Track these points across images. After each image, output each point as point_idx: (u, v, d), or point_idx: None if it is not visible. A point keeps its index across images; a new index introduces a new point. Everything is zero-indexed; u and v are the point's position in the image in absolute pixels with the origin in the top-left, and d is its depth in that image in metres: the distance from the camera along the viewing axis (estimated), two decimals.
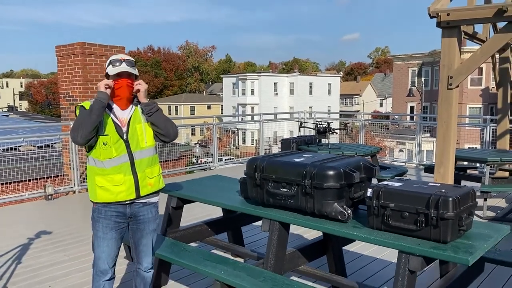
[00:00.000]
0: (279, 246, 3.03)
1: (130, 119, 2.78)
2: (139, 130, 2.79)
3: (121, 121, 2.76)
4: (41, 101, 70.75)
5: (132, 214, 2.81)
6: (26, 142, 10.07)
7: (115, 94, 2.74)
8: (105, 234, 2.76)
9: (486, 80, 30.80)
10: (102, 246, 2.77)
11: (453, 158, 5.13)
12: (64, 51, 8.20)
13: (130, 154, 2.75)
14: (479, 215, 5.91)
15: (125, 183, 2.73)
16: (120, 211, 2.77)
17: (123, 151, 2.73)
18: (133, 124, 2.78)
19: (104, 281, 2.82)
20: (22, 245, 4.90)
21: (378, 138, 15.71)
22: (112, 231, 2.77)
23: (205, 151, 14.97)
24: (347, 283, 3.28)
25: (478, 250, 2.29)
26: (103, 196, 2.72)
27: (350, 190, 2.82)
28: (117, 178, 2.71)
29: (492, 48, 4.82)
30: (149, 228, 2.87)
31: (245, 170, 3.14)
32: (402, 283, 2.40)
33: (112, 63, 2.73)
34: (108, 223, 2.75)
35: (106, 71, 2.77)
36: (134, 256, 2.96)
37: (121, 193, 2.73)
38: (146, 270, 2.94)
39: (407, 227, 2.45)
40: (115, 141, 2.71)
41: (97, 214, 2.76)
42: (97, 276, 2.82)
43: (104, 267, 2.79)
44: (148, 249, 2.91)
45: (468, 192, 2.50)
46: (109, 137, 2.69)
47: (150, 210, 2.87)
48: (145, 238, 2.88)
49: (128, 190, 2.74)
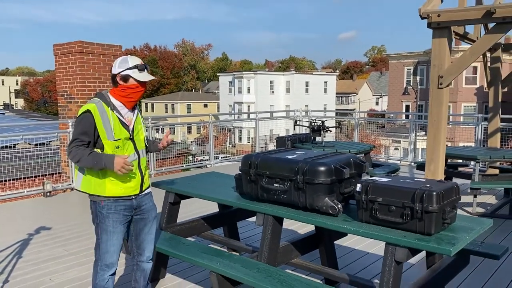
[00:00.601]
0: (272, 239, 3.16)
1: (135, 119, 2.92)
2: (141, 131, 2.98)
3: (127, 120, 2.87)
4: (37, 99, 70.55)
5: (137, 206, 2.95)
6: (24, 140, 10.16)
7: (131, 96, 2.83)
8: (115, 228, 2.84)
9: (480, 79, 31.02)
10: (112, 240, 2.84)
11: (443, 156, 5.27)
12: (62, 50, 8.29)
13: (137, 152, 2.92)
14: (469, 211, 6.06)
15: (134, 179, 2.89)
16: (128, 204, 2.88)
17: (132, 150, 2.88)
18: (137, 125, 2.94)
19: (109, 276, 2.89)
20: (22, 241, 5.00)
21: (374, 136, 15.86)
22: (121, 224, 2.87)
23: (201, 149, 15.07)
24: (339, 275, 3.41)
25: (460, 242, 2.41)
26: (114, 190, 2.81)
27: (341, 185, 2.94)
28: (129, 174, 2.84)
29: (481, 48, 4.96)
30: (151, 215, 3.04)
31: (240, 167, 3.25)
32: (388, 273, 2.53)
33: (138, 68, 2.80)
34: (118, 217, 2.84)
35: (128, 73, 2.78)
36: (134, 249, 3.04)
37: (129, 188, 2.86)
38: (147, 260, 3.04)
39: (394, 220, 2.57)
40: (125, 142, 2.83)
41: (107, 210, 2.81)
42: (101, 270, 2.87)
43: (112, 260, 2.87)
44: (150, 237, 3.04)
45: (452, 187, 2.63)
46: (120, 141, 2.80)
47: (150, 198, 3.06)
48: (148, 226, 3.02)
49: (136, 185, 2.91)
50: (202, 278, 3.92)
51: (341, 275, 3.40)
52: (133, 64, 2.79)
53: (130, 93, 2.82)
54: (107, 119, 2.75)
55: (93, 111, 2.74)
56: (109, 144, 2.76)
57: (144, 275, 3.09)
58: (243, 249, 4.06)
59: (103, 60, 8.32)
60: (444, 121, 5.19)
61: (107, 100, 2.81)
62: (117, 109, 2.82)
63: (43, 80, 77.60)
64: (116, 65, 2.81)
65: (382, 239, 2.54)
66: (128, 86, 2.80)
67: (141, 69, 2.81)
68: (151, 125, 9.08)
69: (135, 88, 2.81)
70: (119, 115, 2.82)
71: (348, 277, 3.34)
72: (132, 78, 2.79)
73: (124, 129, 2.82)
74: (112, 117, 2.78)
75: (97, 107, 2.75)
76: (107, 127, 2.75)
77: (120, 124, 2.81)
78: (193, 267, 4.15)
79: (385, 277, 2.53)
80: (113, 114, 2.79)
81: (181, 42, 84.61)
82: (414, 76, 36.31)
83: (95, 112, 2.74)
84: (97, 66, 8.23)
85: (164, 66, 76.28)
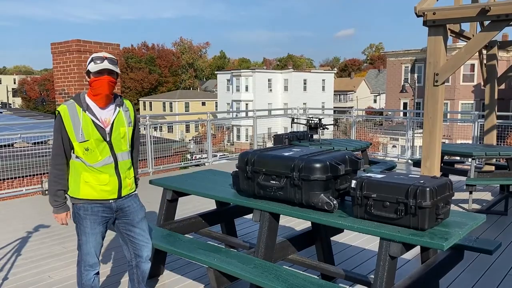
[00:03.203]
0: (269, 236, 3.19)
1: (114, 121, 2.80)
2: (123, 133, 2.83)
3: (103, 122, 2.76)
4: (35, 97, 70.42)
5: (118, 208, 2.88)
6: (22, 138, 10.17)
7: (96, 91, 2.73)
8: (93, 230, 2.81)
9: (478, 76, 31.11)
10: (91, 241, 2.82)
11: (439, 153, 5.32)
12: (59, 49, 8.30)
13: (114, 156, 2.80)
14: (465, 208, 6.11)
15: (110, 183, 2.80)
16: (107, 206, 2.84)
17: (107, 153, 2.77)
18: (117, 126, 2.80)
19: (94, 275, 2.90)
20: (21, 238, 5.03)
21: (371, 134, 15.92)
22: (100, 225, 2.83)
23: (199, 147, 15.10)
24: (335, 271, 3.45)
25: (453, 237, 2.45)
26: (87, 192, 2.77)
27: (336, 182, 2.98)
28: (103, 178, 2.77)
29: (476, 46, 5.00)
30: (138, 217, 2.95)
31: (237, 164, 3.29)
32: (383, 268, 2.57)
33: (94, 61, 2.70)
34: (96, 219, 2.80)
35: (88, 68, 2.73)
36: (132, 251, 3.00)
37: (104, 192, 2.79)
38: (147, 260, 3.00)
39: (388, 216, 2.61)
40: (98, 144, 2.73)
41: (83, 211, 2.78)
42: (85, 271, 2.87)
43: (94, 261, 2.87)
44: (143, 237, 2.97)
45: (445, 183, 2.67)
46: (89, 142, 2.70)
47: (133, 200, 2.96)
48: (138, 227, 2.95)
49: (112, 190, 2.81)
50: (200, 275, 3.96)
51: (337, 271, 3.44)
52: (90, 58, 2.74)
53: (95, 87, 2.71)
54: (77, 120, 2.70)
55: (63, 112, 2.71)
56: (77, 145, 2.71)
57: (143, 275, 3.06)
58: (241, 246, 4.10)
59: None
60: (439, 118, 5.23)
61: (80, 101, 2.76)
62: (90, 109, 2.75)
63: (40, 78, 77.46)
64: None
65: (377, 234, 2.57)
66: (90, 81, 2.72)
67: (96, 60, 2.70)
68: (149, 123, 9.11)
69: (97, 81, 2.70)
70: (92, 116, 2.74)
71: (344, 273, 3.38)
72: (89, 72, 2.72)
73: (96, 131, 2.72)
74: (83, 118, 2.71)
75: (68, 108, 2.72)
76: (76, 128, 2.69)
77: (92, 125, 2.72)
78: (191, 263, 4.19)
79: (380, 271, 2.57)
80: (84, 115, 2.72)
81: (179, 41, 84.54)
82: (411, 74, 36.37)
83: (65, 113, 2.71)
84: None
85: (162, 65, 76.22)
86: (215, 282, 3.03)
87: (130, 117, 2.91)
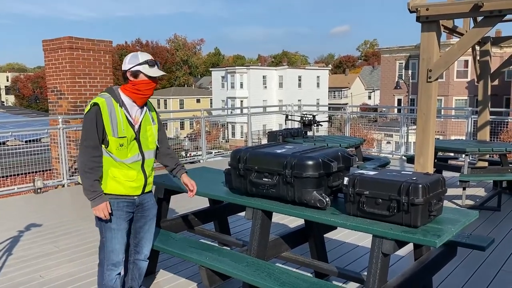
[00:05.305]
0: (262, 233, 3.17)
1: (142, 119, 2.86)
2: (149, 131, 2.90)
3: (133, 119, 2.82)
4: (28, 95, 69.93)
5: (139, 203, 2.94)
6: (14, 136, 10.08)
7: (141, 92, 2.79)
8: (119, 225, 2.82)
9: (472, 72, 31.20)
10: (118, 238, 2.82)
11: (432, 149, 5.31)
12: (51, 46, 8.23)
13: (142, 153, 2.86)
14: (458, 204, 6.12)
15: (137, 180, 2.85)
16: (130, 202, 2.87)
17: (136, 150, 2.82)
18: (144, 124, 2.87)
19: (116, 275, 2.87)
20: (13, 237, 4.98)
21: (366, 131, 15.94)
22: (125, 221, 2.85)
23: (194, 144, 15.05)
24: (328, 268, 3.43)
25: (446, 233, 2.44)
26: (114, 188, 2.79)
27: (329, 179, 2.96)
28: (131, 174, 2.82)
29: (468, 42, 4.99)
30: (152, 213, 3.05)
31: (229, 161, 3.26)
32: (376, 265, 2.55)
33: (149, 64, 2.79)
34: (121, 214, 2.82)
35: (138, 69, 2.76)
36: (132, 247, 3.01)
37: (131, 189, 2.84)
38: (145, 258, 3.04)
39: (381, 213, 2.60)
40: (130, 141, 2.78)
41: (110, 206, 2.79)
42: (108, 270, 2.85)
43: (118, 259, 2.85)
44: (150, 235, 3.04)
45: (438, 179, 2.65)
46: (125, 139, 2.75)
47: (151, 196, 3.06)
48: (148, 224, 3.02)
49: (138, 186, 2.88)
50: (193, 273, 3.94)
51: (331, 268, 3.42)
52: (143, 60, 2.78)
53: (142, 89, 2.78)
54: (114, 115, 2.72)
55: (102, 105, 2.71)
56: (113, 141, 2.72)
57: (140, 273, 3.08)
58: (234, 244, 4.08)
59: (93, 56, 8.27)
60: (433, 115, 5.22)
61: (117, 96, 2.78)
62: (125, 106, 2.79)
63: (33, 76, 76.97)
64: (126, 61, 2.80)
65: (369, 231, 2.56)
66: (138, 81, 2.77)
67: (151, 64, 2.79)
68: None
69: (146, 84, 2.78)
70: (126, 113, 2.78)
71: (337, 270, 3.37)
72: (142, 74, 2.77)
73: (130, 128, 2.78)
74: (120, 114, 2.74)
75: (106, 102, 2.72)
76: (113, 123, 2.71)
77: (127, 121, 2.77)
78: (184, 262, 4.16)
79: (373, 269, 2.56)
80: (121, 111, 2.75)
81: (173, 37, 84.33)
82: (406, 70, 36.44)
83: (103, 106, 2.70)
84: (87, 62, 8.19)
85: None
86: (207, 281, 3.01)
87: (153, 116, 2.99)
